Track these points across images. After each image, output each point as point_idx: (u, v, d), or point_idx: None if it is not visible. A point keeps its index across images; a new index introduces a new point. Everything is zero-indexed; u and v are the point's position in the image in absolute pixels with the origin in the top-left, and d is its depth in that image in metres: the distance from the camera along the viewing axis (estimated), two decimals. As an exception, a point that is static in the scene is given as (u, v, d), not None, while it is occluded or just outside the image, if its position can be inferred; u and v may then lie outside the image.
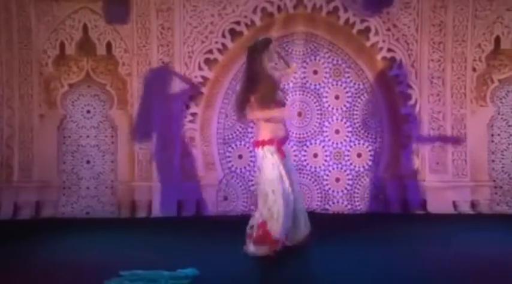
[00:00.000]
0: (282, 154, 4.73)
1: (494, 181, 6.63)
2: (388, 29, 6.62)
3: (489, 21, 6.52)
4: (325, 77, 6.76)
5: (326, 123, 6.82)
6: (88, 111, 6.83)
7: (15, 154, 6.66)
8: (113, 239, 5.54)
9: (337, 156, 6.82)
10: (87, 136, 6.81)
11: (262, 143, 4.74)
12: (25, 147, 6.67)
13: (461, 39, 6.55)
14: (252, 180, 6.73)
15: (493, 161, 6.65)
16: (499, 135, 6.68)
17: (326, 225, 6.01)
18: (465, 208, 6.58)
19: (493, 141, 6.67)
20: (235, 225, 5.99)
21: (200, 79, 6.69)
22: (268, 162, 4.69)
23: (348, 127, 6.80)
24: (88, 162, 6.80)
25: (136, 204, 6.67)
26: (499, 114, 6.66)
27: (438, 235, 5.58)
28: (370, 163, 6.77)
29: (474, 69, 6.57)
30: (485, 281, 4.09)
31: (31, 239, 5.59)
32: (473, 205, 6.61)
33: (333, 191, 6.80)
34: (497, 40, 6.54)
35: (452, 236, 5.49)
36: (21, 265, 4.64)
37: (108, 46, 6.67)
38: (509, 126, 6.68)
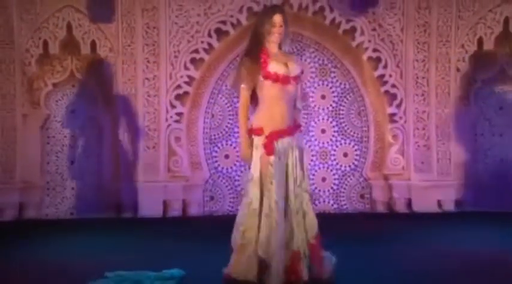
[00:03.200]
0: (269, 151, 3.72)
1: (477, 180, 6.72)
2: (374, 29, 6.71)
3: (472, 22, 6.64)
4: (311, 77, 6.81)
5: (312, 123, 6.89)
6: (72, 111, 6.81)
7: (-3, 155, 6.64)
8: (98, 240, 5.54)
9: (323, 155, 6.89)
10: (72, 136, 6.79)
11: (250, 131, 3.81)
12: (8, 148, 6.63)
13: (445, 40, 6.66)
14: (238, 180, 6.79)
15: (476, 160, 6.76)
16: (482, 134, 6.80)
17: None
18: (450, 207, 6.69)
19: (476, 141, 6.78)
20: (222, 225, 6.01)
21: (186, 79, 6.71)
22: (254, 156, 3.75)
23: (334, 126, 6.89)
24: (72, 162, 6.79)
25: (122, 205, 6.68)
26: (481, 114, 6.78)
27: (423, 233, 5.65)
28: (356, 162, 6.87)
29: (458, 70, 6.68)
30: (471, 278, 4.15)
31: (14, 241, 5.56)
32: (457, 203, 6.72)
33: (319, 190, 6.87)
34: (480, 41, 6.65)
35: (437, 234, 5.57)
36: (4, 266, 4.59)
37: (93, 45, 6.65)
38: (492, 125, 6.80)
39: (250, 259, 3.69)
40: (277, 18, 3.78)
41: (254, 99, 3.80)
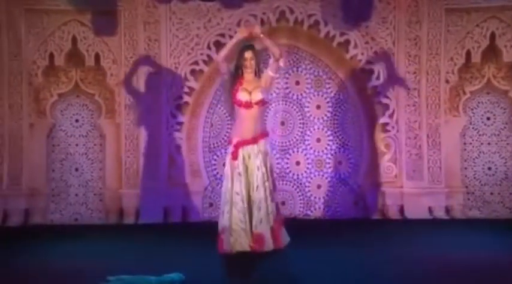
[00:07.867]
0: (233, 156, 4.70)
1: (466, 187, 6.87)
2: (367, 42, 6.83)
3: (460, 36, 6.77)
4: (306, 88, 6.94)
5: (308, 132, 7.00)
6: (77, 120, 6.91)
7: (4, 163, 6.69)
8: (100, 245, 5.63)
9: (318, 163, 7.00)
10: (76, 145, 6.89)
11: (228, 141, 4.96)
12: (15, 156, 6.70)
13: (435, 53, 6.79)
14: (236, 187, 6.93)
15: (465, 168, 6.89)
16: (470, 143, 6.92)
17: (308, 230, 6.15)
18: (440, 213, 6.80)
19: (465, 149, 6.90)
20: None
21: (186, 90, 6.84)
22: (226, 160, 4.83)
23: (328, 136, 6.98)
24: (76, 169, 6.88)
25: (124, 211, 6.77)
26: (470, 123, 6.91)
27: (414, 239, 5.78)
28: (350, 170, 6.97)
29: (447, 81, 6.80)
30: (459, 282, 4.29)
31: (20, 246, 5.65)
32: (447, 210, 6.82)
33: (315, 197, 6.97)
34: (468, 54, 6.79)
35: (428, 240, 5.69)
36: (10, 271, 4.68)
37: (97, 57, 6.77)
38: (480, 135, 6.92)
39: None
40: (247, 54, 4.77)
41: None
